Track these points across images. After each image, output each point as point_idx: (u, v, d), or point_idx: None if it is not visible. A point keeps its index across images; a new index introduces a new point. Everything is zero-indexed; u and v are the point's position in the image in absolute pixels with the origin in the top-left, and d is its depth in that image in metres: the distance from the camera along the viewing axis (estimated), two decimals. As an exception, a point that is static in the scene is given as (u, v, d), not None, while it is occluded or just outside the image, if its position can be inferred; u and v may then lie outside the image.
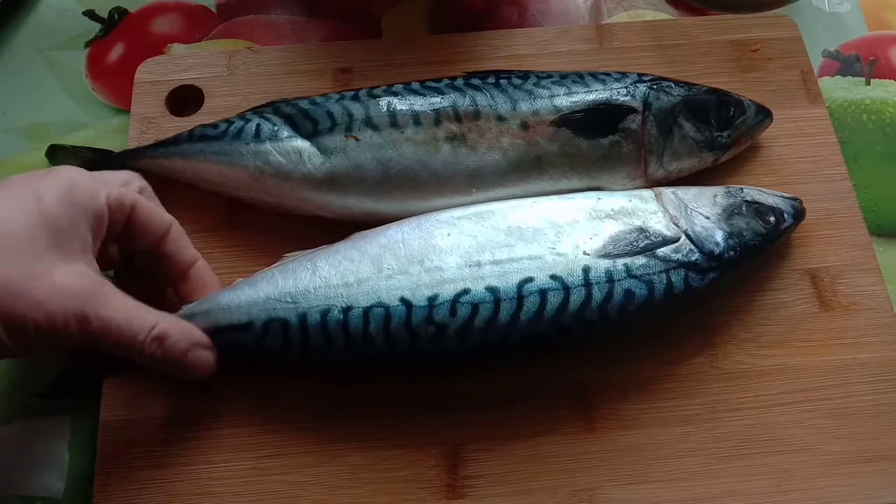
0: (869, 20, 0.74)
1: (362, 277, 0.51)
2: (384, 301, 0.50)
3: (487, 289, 0.50)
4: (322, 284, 0.52)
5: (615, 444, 0.53)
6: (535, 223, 0.53)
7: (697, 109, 0.60)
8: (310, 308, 0.51)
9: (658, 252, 0.52)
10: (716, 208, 0.55)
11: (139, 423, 0.54)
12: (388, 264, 0.52)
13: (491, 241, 0.52)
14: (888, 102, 0.69)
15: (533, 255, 0.52)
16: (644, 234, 0.53)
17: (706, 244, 0.53)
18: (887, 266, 0.60)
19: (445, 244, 0.52)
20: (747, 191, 0.57)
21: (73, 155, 0.63)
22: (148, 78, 0.66)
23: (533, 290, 0.51)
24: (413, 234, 0.53)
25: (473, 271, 0.51)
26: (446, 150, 0.57)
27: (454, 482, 0.52)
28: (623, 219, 0.54)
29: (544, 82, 0.59)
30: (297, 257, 0.54)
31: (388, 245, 0.53)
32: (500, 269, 0.51)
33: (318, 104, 0.59)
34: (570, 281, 0.51)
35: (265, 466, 0.52)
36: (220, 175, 0.59)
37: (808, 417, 0.54)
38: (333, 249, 0.54)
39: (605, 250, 0.52)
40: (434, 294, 0.50)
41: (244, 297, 0.52)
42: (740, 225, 0.55)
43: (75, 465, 0.55)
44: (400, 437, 0.53)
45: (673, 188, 0.57)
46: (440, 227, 0.53)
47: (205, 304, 0.53)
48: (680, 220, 0.54)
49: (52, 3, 0.75)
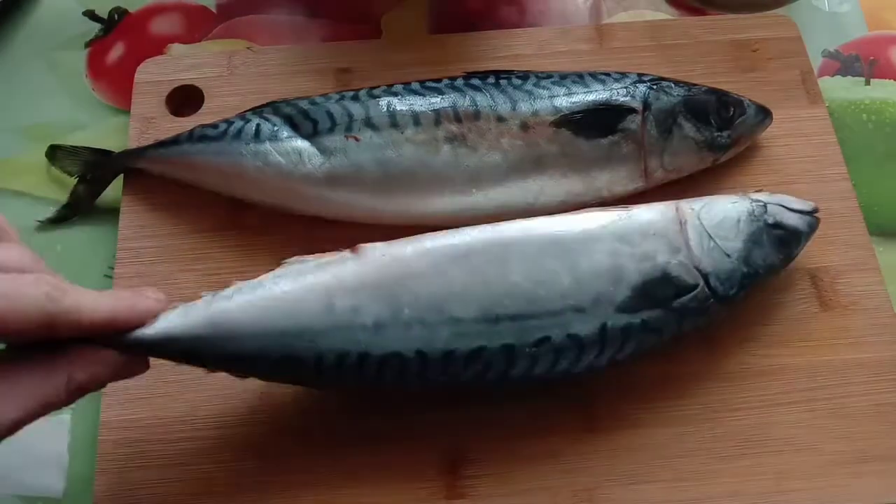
0: (869, 20, 0.74)
1: (380, 322, 0.48)
2: (401, 352, 0.49)
3: (503, 346, 0.49)
4: (338, 325, 0.48)
5: (615, 444, 0.53)
6: (556, 267, 0.50)
7: (697, 109, 0.60)
8: (327, 350, 0.48)
9: (675, 303, 0.51)
10: (737, 240, 0.53)
11: (139, 423, 0.54)
12: (406, 309, 0.49)
13: (510, 291, 0.49)
14: (888, 102, 0.69)
15: (552, 310, 0.49)
16: (665, 284, 0.51)
17: (722, 289, 0.52)
18: (887, 266, 0.60)
19: (464, 291, 0.49)
20: (770, 208, 0.54)
21: (74, 155, 0.63)
22: (148, 78, 0.66)
23: (548, 349, 0.50)
24: (431, 270, 0.50)
25: (490, 327, 0.49)
26: (446, 151, 0.57)
27: (454, 482, 0.52)
28: (646, 264, 0.51)
29: (544, 82, 0.59)
30: (301, 268, 0.50)
31: (404, 280, 0.49)
32: (518, 327, 0.49)
33: (317, 104, 0.59)
34: (587, 339, 0.50)
35: (266, 467, 0.52)
36: (220, 175, 0.59)
37: (808, 417, 0.54)
38: (345, 271, 0.50)
39: (625, 304, 0.50)
40: (450, 349, 0.49)
41: (254, 327, 0.48)
42: (758, 261, 0.53)
43: (75, 465, 0.55)
44: (400, 437, 0.53)
45: (699, 205, 0.54)
46: (458, 266, 0.50)
47: (207, 325, 0.47)
48: (702, 260, 0.52)
49: (52, 3, 0.75)
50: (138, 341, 0.46)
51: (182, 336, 0.47)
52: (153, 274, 0.58)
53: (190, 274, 0.59)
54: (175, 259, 0.59)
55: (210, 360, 0.49)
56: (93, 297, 0.43)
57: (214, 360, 0.48)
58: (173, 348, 0.47)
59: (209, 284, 0.57)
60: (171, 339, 0.46)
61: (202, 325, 0.47)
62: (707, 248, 0.52)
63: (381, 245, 0.51)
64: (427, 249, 0.51)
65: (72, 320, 0.41)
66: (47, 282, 0.41)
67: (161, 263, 0.59)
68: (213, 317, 0.47)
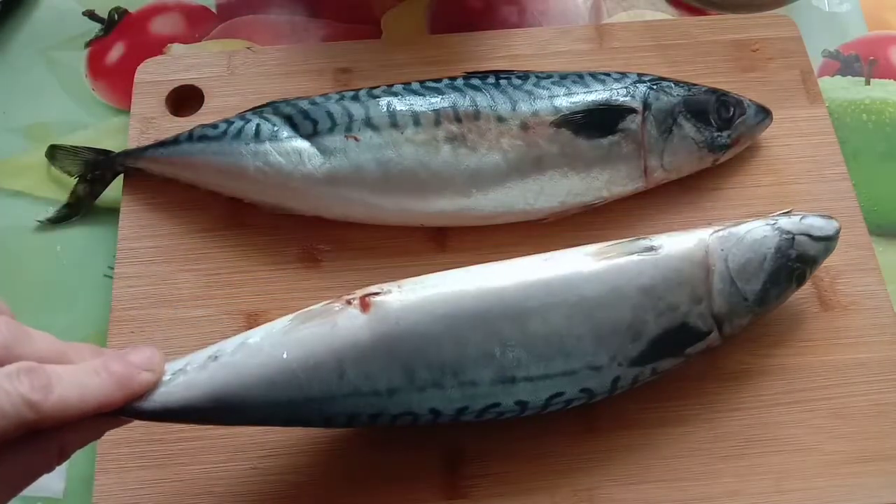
0: (869, 20, 0.74)
1: (393, 387, 0.47)
2: (414, 410, 0.48)
3: (517, 402, 0.49)
4: (350, 392, 0.47)
5: (615, 444, 0.53)
6: (577, 327, 0.49)
7: (697, 109, 0.60)
8: (336, 414, 0.48)
9: (687, 350, 0.51)
10: (758, 281, 0.52)
11: (139, 423, 0.53)
12: (421, 374, 0.47)
13: (529, 354, 0.48)
14: (888, 102, 0.69)
15: (569, 370, 0.49)
16: (682, 334, 0.51)
17: (730, 330, 0.52)
18: (887, 266, 0.60)
19: (481, 356, 0.48)
20: (798, 241, 0.53)
21: (74, 155, 0.63)
22: (148, 78, 0.66)
23: (561, 401, 0.50)
24: (446, 334, 0.47)
25: (507, 388, 0.49)
26: (446, 151, 0.57)
27: (454, 482, 0.52)
28: (667, 315, 0.50)
29: (544, 83, 0.59)
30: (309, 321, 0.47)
31: (418, 348, 0.47)
32: (534, 386, 0.49)
33: (317, 104, 0.59)
34: (598, 391, 0.50)
35: (265, 466, 0.52)
36: (219, 175, 0.59)
37: (808, 417, 0.54)
38: (356, 335, 0.47)
39: (639, 358, 0.50)
40: (464, 406, 0.49)
41: (260, 398, 0.45)
42: (771, 300, 0.53)
43: (75, 465, 0.55)
44: (400, 437, 0.53)
45: (729, 245, 0.52)
46: (475, 329, 0.48)
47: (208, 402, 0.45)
48: (722, 307, 0.51)
49: (52, 3, 0.75)
50: (134, 412, 0.43)
51: (182, 409, 0.44)
52: (153, 274, 0.58)
53: (190, 274, 0.58)
54: (175, 259, 0.59)
55: (215, 424, 0.49)
56: (80, 384, 0.39)
57: (219, 424, 0.49)
58: (172, 419, 0.45)
59: (209, 284, 0.58)
60: (169, 411, 0.44)
61: (204, 398, 0.45)
62: (728, 294, 0.51)
63: (394, 298, 0.48)
64: (443, 311, 0.48)
65: (57, 419, 0.38)
66: (27, 375, 0.37)
67: (161, 263, 0.59)
68: (215, 388, 0.45)
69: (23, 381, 0.36)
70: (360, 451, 0.53)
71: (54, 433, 0.39)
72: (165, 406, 0.44)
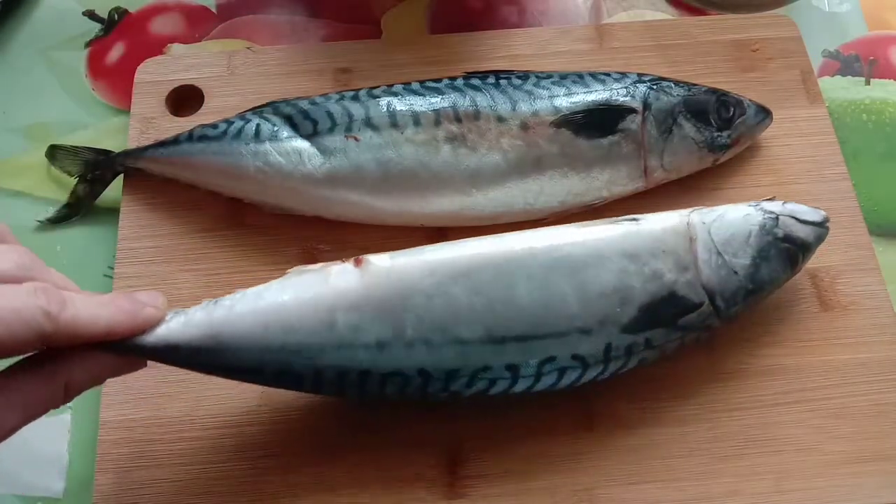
0: (869, 20, 0.74)
1: (383, 341, 0.48)
2: (403, 371, 0.48)
3: (507, 367, 0.49)
4: (340, 343, 0.48)
5: (615, 444, 0.53)
6: (563, 287, 0.49)
7: (697, 109, 0.60)
8: (327, 367, 0.48)
9: (680, 321, 0.51)
10: (746, 254, 0.52)
11: (139, 423, 0.54)
12: (410, 328, 0.48)
13: (516, 314, 0.49)
14: (888, 102, 0.69)
15: (558, 331, 0.49)
16: (671, 303, 0.51)
17: (724, 308, 0.52)
18: (887, 266, 0.60)
19: (469, 313, 0.49)
20: (782, 220, 0.54)
21: (74, 155, 0.63)
22: (148, 78, 0.66)
23: (552, 368, 0.50)
24: (434, 288, 0.49)
25: (496, 348, 0.49)
26: (446, 151, 0.57)
27: (454, 482, 0.52)
28: (653, 284, 0.50)
29: (544, 83, 0.59)
30: (304, 280, 0.49)
31: (408, 300, 0.48)
32: (523, 347, 0.49)
33: (317, 104, 0.59)
34: (591, 359, 0.50)
35: (265, 466, 0.52)
36: (219, 175, 0.59)
37: (808, 417, 0.54)
38: (348, 287, 0.49)
39: (631, 325, 0.50)
40: (454, 369, 0.49)
41: (254, 340, 0.47)
42: (764, 278, 0.53)
43: (75, 465, 0.55)
44: (400, 436, 0.53)
45: (711, 218, 0.53)
46: (463, 285, 0.49)
47: (207, 338, 0.47)
48: (710, 278, 0.51)
49: (52, 3, 0.75)
50: (137, 348, 0.46)
51: (181, 345, 0.47)
52: (153, 274, 0.58)
53: (190, 274, 0.58)
54: (175, 259, 0.59)
55: (208, 368, 0.49)
56: (91, 308, 0.42)
57: (212, 369, 0.49)
58: (172, 356, 0.47)
59: (209, 284, 0.58)
60: (170, 346, 0.46)
61: (202, 336, 0.47)
62: (715, 265, 0.52)
63: (385, 258, 0.50)
64: (431, 268, 0.49)
65: (69, 335, 0.41)
66: (44, 292, 0.40)
67: (161, 263, 0.59)
68: (213, 327, 0.47)
69: (40, 295, 0.40)
70: (361, 451, 0.53)
71: (62, 363, 0.42)
72: (166, 340, 0.46)
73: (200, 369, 0.49)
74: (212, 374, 0.49)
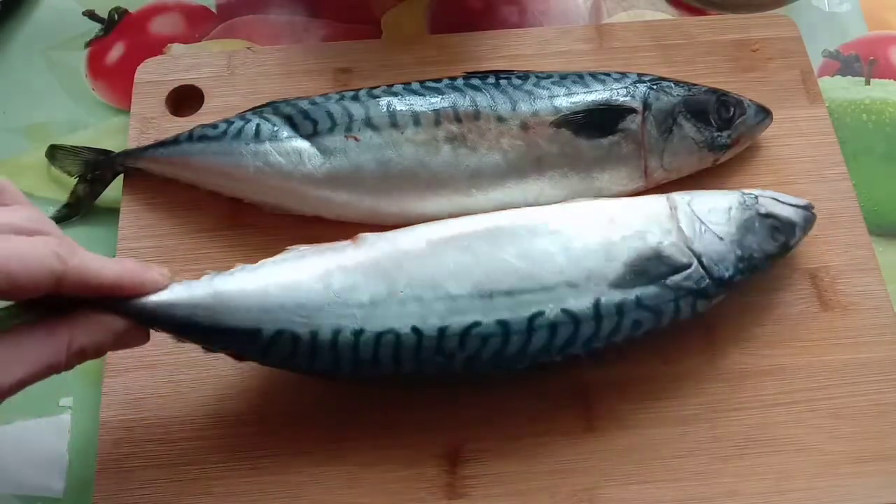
0: (869, 20, 0.74)
1: (375, 298, 0.50)
2: (396, 328, 0.49)
3: (498, 322, 0.50)
4: (335, 301, 0.50)
5: (615, 444, 0.53)
6: (548, 246, 0.51)
7: (697, 109, 0.60)
8: (321, 326, 0.50)
9: (669, 280, 0.51)
10: (730, 225, 0.54)
11: (139, 423, 0.54)
12: (402, 286, 0.50)
13: (504, 268, 0.51)
14: (888, 102, 0.69)
15: (545, 286, 0.50)
16: (657, 261, 0.51)
17: (717, 270, 0.52)
18: (887, 266, 0.60)
19: (458, 269, 0.51)
20: (762, 200, 0.55)
21: (74, 155, 0.63)
22: (148, 78, 0.66)
23: (543, 324, 0.50)
24: (426, 250, 0.52)
25: (485, 303, 0.50)
26: (446, 151, 0.57)
27: (454, 482, 0.52)
28: (637, 242, 0.52)
29: (544, 83, 0.59)
30: (302, 252, 0.52)
31: (400, 260, 0.51)
32: (512, 302, 0.50)
33: (317, 104, 0.59)
34: (581, 315, 0.50)
35: (265, 466, 0.52)
36: (220, 175, 0.59)
37: (808, 417, 0.54)
38: (344, 255, 0.52)
39: (618, 281, 0.51)
40: (445, 325, 0.50)
41: (253, 299, 0.50)
42: (752, 245, 0.54)
43: (75, 466, 0.55)
44: (400, 437, 0.53)
45: (689, 196, 0.55)
46: (453, 245, 0.52)
47: (209, 298, 0.49)
48: (694, 241, 0.52)
49: (52, 3, 0.75)
50: (141, 308, 0.47)
51: (183, 305, 0.49)
52: (153, 274, 0.58)
53: (190, 274, 0.57)
54: (175, 259, 0.59)
55: (208, 331, 0.49)
56: (100, 261, 0.45)
57: (212, 331, 0.49)
58: (174, 318, 0.49)
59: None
60: (172, 307, 0.48)
61: (203, 297, 0.49)
62: (698, 231, 0.53)
63: (381, 234, 0.53)
64: (424, 236, 0.52)
65: (78, 279, 0.43)
66: (57, 241, 0.43)
67: (161, 263, 0.58)
68: (214, 289, 0.50)
69: (51, 242, 0.43)
70: (361, 451, 0.53)
71: (65, 323, 0.44)
72: (169, 301, 0.48)
73: (201, 335, 0.50)
74: (211, 346, 0.50)
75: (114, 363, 0.55)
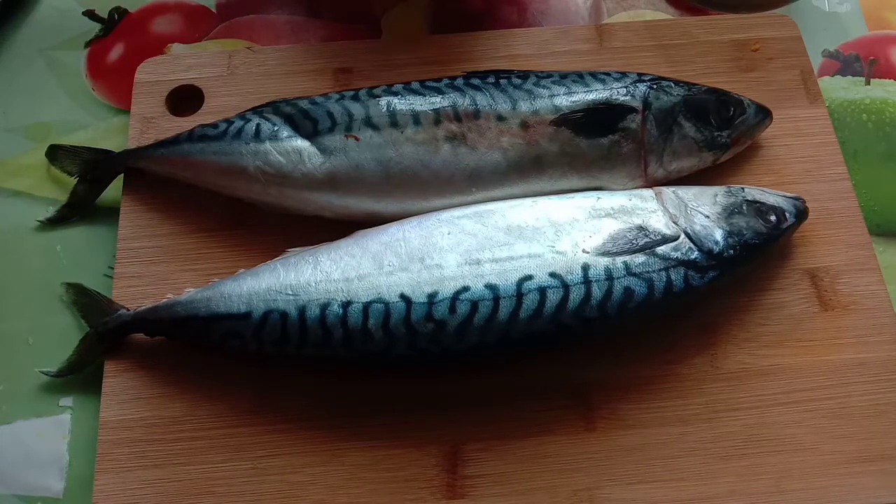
0: (869, 20, 0.74)
1: (363, 273, 0.52)
2: (384, 297, 0.51)
3: (487, 286, 0.51)
4: (323, 279, 0.52)
5: (615, 444, 0.53)
6: (534, 222, 0.53)
7: (697, 109, 0.60)
8: (309, 301, 0.51)
9: (657, 250, 0.52)
10: (716, 207, 0.55)
11: (139, 423, 0.54)
12: (389, 261, 0.52)
13: (490, 239, 0.53)
14: (888, 102, 0.69)
15: (532, 253, 0.52)
16: (643, 232, 0.53)
17: (705, 243, 0.53)
18: (887, 266, 0.60)
19: (446, 242, 0.53)
20: (748, 190, 0.57)
21: (74, 155, 0.63)
22: (148, 78, 0.66)
23: (532, 287, 0.51)
24: (414, 231, 0.53)
25: (473, 269, 0.51)
26: (446, 150, 0.57)
27: (454, 482, 0.52)
28: (622, 217, 0.54)
29: (544, 82, 0.59)
30: (299, 252, 0.54)
31: (389, 242, 0.53)
32: (500, 268, 0.51)
33: (317, 104, 0.59)
34: (570, 279, 0.51)
35: (265, 466, 0.52)
36: (220, 175, 0.59)
37: (807, 417, 0.54)
38: (335, 245, 0.54)
39: (605, 248, 0.52)
40: (434, 291, 0.51)
41: (245, 286, 0.53)
42: (740, 224, 0.55)
43: (75, 465, 0.55)
44: (400, 437, 0.53)
45: (674, 187, 0.57)
46: (441, 225, 0.54)
47: (207, 291, 0.54)
48: (679, 218, 0.54)
49: (52, 3, 0.75)
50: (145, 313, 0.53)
51: (183, 302, 0.53)
52: (153, 274, 0.58)
53: (190, 274, 0.58)
54: (175, 259, 0.59)
55: (203, 321, 0.52)
56: None
57: (207, 320, 0.52)
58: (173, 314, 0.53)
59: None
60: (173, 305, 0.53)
61: (199, 292, 0.54)
62: (684, 210, 0.54)
63: (373, 228, 0.55)
64: (412, 220, 0.54)
65: None
66: None
67: (161, 263, 0.59)
68: (210, 286, 0.54)
69: None
70: (361, 451, 0.53)
71: None
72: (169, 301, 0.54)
73: (198, 327, 0.52)
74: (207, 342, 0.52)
75: (114, 363, 0.55)
